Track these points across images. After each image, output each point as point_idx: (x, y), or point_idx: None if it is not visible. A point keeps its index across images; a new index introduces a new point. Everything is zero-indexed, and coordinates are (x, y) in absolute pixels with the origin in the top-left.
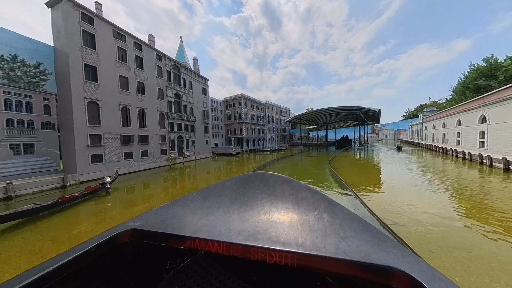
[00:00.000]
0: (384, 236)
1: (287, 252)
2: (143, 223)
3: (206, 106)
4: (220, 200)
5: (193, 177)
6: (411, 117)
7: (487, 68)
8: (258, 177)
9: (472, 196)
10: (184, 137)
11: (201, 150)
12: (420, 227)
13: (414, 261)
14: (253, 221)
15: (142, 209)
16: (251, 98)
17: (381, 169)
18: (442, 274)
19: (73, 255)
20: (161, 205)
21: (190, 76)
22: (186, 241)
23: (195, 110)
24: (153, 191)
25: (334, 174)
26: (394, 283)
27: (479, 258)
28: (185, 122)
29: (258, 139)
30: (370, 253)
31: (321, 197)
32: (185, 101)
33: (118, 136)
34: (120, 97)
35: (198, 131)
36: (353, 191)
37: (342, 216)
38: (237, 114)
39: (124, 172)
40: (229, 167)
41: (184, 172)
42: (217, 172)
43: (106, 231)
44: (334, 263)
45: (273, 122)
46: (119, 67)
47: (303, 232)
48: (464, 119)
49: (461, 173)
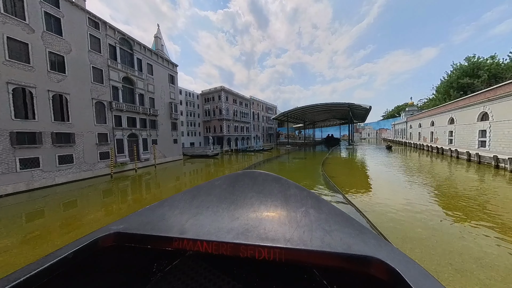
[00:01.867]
0: (365, 228)
1: (275, 248)
2: (127, 225)
3: (174, 97)
4: (209, 199)
5: (138, 192)
6: (389, 117)
7: (469, 67)
8: (247, 175)
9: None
10: (140, 136)
11: (167, 151)
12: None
13: (390, 250)
14: (243, 219)
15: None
16: (233, 92)
17: (388, 175)
18: (414, 260)
19: (45, 264)
20: (146, 206)
21: (150, 58)
22: (174, 242)
23: (158, 102)
24: (42, 225)
25: (332, 185)
26: (372, 271)
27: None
28: (142, 116)
29: (242, 138)
30: (351, 244)
31: (308, 193)
32: (141, 88)
33: (5, 134)
34: (9, 72)
35: (163, 128)
36: (372, 226)
37: (327, 211)
38: (217, 110)
39: (20, 189)
40: (198, 174)
41: (130, 184)
42: (179, 182)
43: (85, 236)
44: (320, 256)
45: (258, 120)
46: (8, 24)
47: (291, 228)
48: (459, 116)
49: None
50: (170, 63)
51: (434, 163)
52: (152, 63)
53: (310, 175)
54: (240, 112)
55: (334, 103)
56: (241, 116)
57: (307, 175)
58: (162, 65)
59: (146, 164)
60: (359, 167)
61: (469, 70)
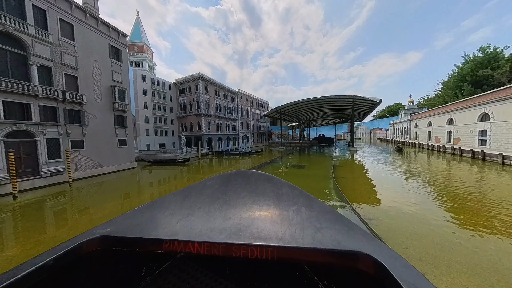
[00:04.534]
0: (354, 225)
1: (267, 246)
2: (114, 228)
3: (121, 79)
4: (201, 199)
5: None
6: (380, 117)
7: (485, 58)
8: (240, 175)
9: None
10: (42, 135)
11: (106, 158)
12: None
13: (377, 245)
14: (235, 219)
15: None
16: (215, 82)
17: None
18: (399, 254)
19: (20, 274)
20: (135, 208)
21: (68, 13)
22: (164, 244)
23: (86, 83)
24: None
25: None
26: (360, 265)
27: None
28: (45, 102)
29: (227, 138)
30: (341, 241)
31: (300, 192)
32: (47, 58)
33: None
34: None
35: (96, 124)
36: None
37: (318, 209)
38: (194, 103)
39: None
40: (145, 193)
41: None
42: (95, 216)
43: (67, 241)
44: (311, 253)
45: (247, 117)
46: None
47: (283, 226)
48: (496, 112)
49: None
50: (113, 30)
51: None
52: (73, 21)
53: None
54: (225, 107)
55: (337, 95)
56: (225, 112)
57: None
58: (96, 29)
59: (58, 180)
60: (404, 186)
61: (485, 61)
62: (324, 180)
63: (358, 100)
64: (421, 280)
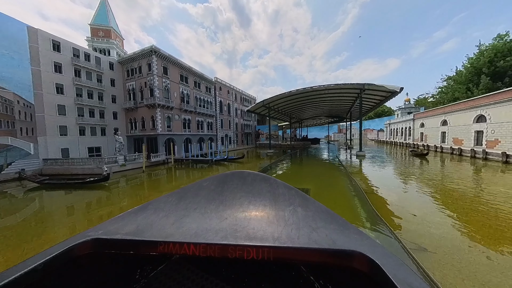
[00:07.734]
0: (348, 224)
1: (264, 247)
2: (107, 231)
3: None
4: (197, 200)
5: None
6: (367, 119)
7: (505, 46)
8: (236, 175)
9: None
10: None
11: None
12: None
13: (371, 243)
14: (231, 219)
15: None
16: (178, 61)
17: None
18: (392, 253)
19: (6, 280)
20: (128, 210)
21: None
22: (159, 246)
23: None
24: None
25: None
26: (355, 264)
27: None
28: None
29: (200, 139)
30: (336, 240)
31: (296, 192)
32: None
33: None
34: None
35: None
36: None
37: (314, 209)
38: (146, 89)
39: None
40: None
41: None
42: None
43: (57, 244)
44: (307, 253)
45: (229, 113)
46: None
47: (279, 227)
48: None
49: None
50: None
51: None
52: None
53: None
54: (196, 98)
55: (340, 84)
56: (196, 105)
57: None
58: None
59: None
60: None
61: (505, 50)
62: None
63: (369, 90)
64: (413, 277)
